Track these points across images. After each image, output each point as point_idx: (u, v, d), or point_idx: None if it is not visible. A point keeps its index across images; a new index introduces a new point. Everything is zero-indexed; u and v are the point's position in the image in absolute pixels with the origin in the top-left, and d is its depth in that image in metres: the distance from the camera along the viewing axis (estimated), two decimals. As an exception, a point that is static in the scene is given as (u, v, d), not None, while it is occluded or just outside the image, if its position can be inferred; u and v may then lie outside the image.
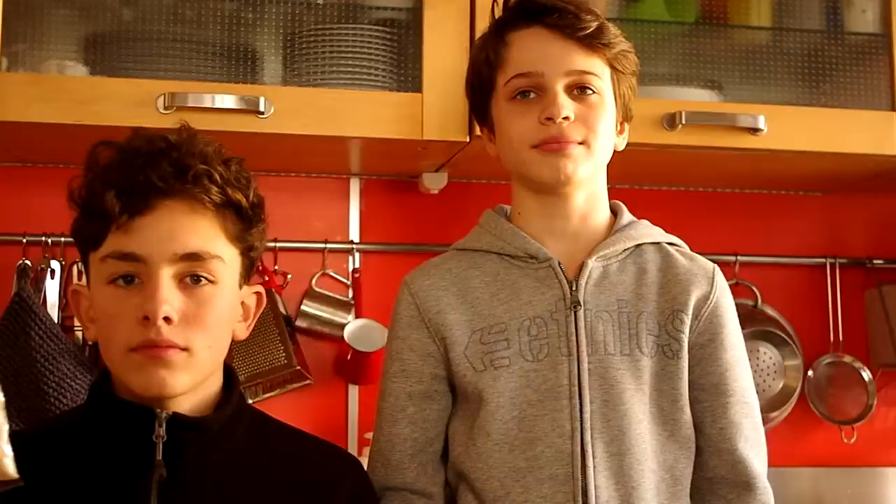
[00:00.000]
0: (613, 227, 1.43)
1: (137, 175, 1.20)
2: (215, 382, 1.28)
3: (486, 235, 1.44)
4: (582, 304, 1.36)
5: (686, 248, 1.47)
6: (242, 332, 1.31)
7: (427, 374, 1.40)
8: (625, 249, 1.41)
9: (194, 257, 1.21)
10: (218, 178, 1.23)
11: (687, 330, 1.38)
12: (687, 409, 1.38)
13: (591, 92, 1.37)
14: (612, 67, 1.39)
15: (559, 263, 1.38)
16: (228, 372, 1.31)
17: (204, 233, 1.23)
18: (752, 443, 1.40)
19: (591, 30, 1.36)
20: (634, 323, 1.37)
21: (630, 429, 1.33)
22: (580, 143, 1.36)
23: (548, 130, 1.35)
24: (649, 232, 1.45)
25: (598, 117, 1.37)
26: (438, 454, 1.42)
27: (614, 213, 1.46)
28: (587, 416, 1.33)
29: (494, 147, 1.44)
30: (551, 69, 1.36)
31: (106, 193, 1.19)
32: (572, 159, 1.35)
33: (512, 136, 1.38)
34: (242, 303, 1.30)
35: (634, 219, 1.46)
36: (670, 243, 1.46)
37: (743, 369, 1.42)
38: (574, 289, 1.37)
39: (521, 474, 1.33)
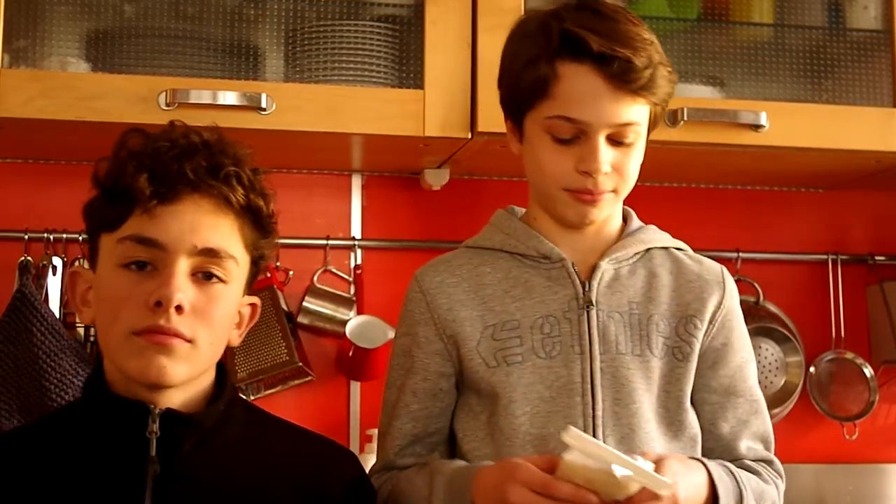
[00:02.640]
0: (624, 232, 1.44)
1: (172, 164, 1.22)
2: (207, 378, 1.29)
3: (499, 234, 1.44)
4: (595, 303, 1.37)
5: (691, 252, 1.48)
6: (235, 339, 1.32)
7: (433, 372, 1.40)
8: (636, 253, 1.42)
9: (212, 253, 1.22)
10: (246, 180, 1.25)
11: (701, 335, 1.40)
12: (691, 412, 1.39)
13: (630, 139, 1.34)
14: (654, 104, 1.36)
15: (573, 264, 1.39)
16: (220, 368, 1.32)
17: (224, 231, 1.24)
18: (760, 437, 1.44)
19: (644, 81, 1.31)
20: (645, 324, 1.38)
21: (640, 427, 1.34)
22: (611, 191, 1.36)
23: (583, 182, 1.33)
24: (658, 237, 1.46)
25: (631, 163, 1.36)
26: (436, 444, 1.43)
27: (624, 217, 1.46)
28: (599, 413, 1.34)
29: (519, 147, 1.41)
30: (598, 120, 1.31)
31: (139, 176, 1.20)
32: (600, 208, 1.36)
33: (545, 171, 1.36)
34: (238, 311, 1.31)
35: (643, 224, 1.47)
36: (678, 248, 1.47)
37: (751, 369, 1.45)
38: (587, 289, 1.38)
39: None
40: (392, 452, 1.42)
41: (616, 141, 1.34)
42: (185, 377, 1.23)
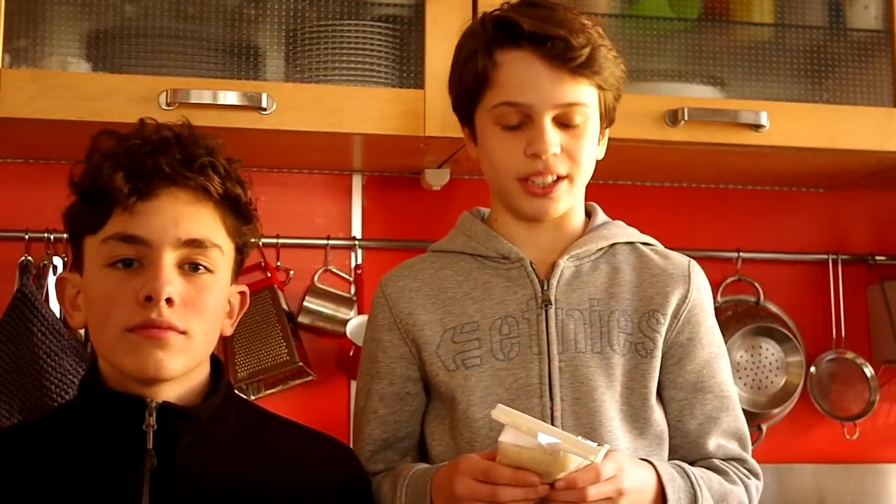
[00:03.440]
0: (587, 228, 1.43)
1: (147, 160, 1.23)
2: (203, 371, 1.30)
3: (461, 237, 1.45)
4: (553, 302, 1.36)
5: (660, 247, 1.47)
6: (228, 329, 1.33)
7: (399, 377, 1.41)
8: (598, 249, 1.41)
9: (196, 244, 1.23)
10: (221, 170, 1.26)
11: (664, 330, 1.38)
12: (657, 408, 1.38)
13: (578, 121, 1.34)
14: (600, 87, 1.36)
15: (531, 263, 1.39)
16: (215, 362, 1.32)
17: (206, 221, 1.25)
18: (732, 434, 1.41)
19: (583, 59, 1.32)
20: (606, 321, 1.37)
21: (601, 426, 1.33)
22: (564, 177, 1.35)
23: (534, 165, 1.33)
24: (623, 232, 1.45)
25: (582, 147, 1.35)
26: (407, 450, 1.43)
27: (589, 214, 1.46)
28: (558, 413, 1.33)
29: (476, 151, 1.43)
30: (540, 101, 1.32)
31: (115, 176, 1.21)
32: (555, 200, 1.36)
33: (496, 163, 1.37)
34: (228, 300, 1.32)
35: (609, 219, 1.46)
36: (645, 243, 1.45)
37: (722, 365, 1.43)
38: (546, 288, 1.37)
39: None
40: (363, 458, 1.42)
41: (564, 124, 1.34)
42: (183, 369, 1.24)
